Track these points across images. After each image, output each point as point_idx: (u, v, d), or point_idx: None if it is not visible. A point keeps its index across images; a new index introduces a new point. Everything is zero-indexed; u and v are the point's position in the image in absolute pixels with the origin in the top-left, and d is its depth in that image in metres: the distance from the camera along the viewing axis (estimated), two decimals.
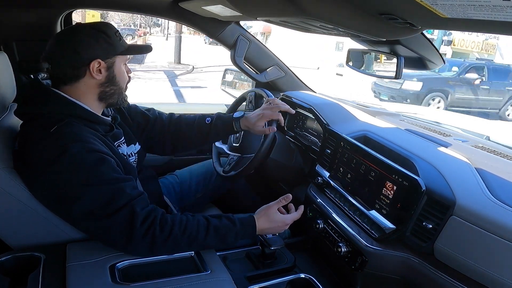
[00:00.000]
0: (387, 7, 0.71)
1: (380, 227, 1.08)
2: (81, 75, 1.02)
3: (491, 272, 0.83)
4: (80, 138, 0.94)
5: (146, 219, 0.93)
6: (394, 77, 1.23)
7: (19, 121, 1.05)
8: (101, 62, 1.02)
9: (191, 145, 1.46)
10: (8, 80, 1.10)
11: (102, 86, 1.05)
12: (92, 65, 1.00)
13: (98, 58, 1.01)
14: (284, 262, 1.27)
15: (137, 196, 0.95)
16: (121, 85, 1.09)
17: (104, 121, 1.09)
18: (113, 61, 1.05)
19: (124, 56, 1.08)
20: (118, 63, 1.07)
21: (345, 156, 1.30)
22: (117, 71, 1.07)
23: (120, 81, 1.09)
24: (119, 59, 1.07)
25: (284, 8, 0.85)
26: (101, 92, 1.06)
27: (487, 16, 0.55)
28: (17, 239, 0.99)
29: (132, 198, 0.94)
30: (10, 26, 1.55)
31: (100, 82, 1.04)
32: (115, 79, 1.07)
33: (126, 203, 0.92)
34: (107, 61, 1.03)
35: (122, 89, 1.10)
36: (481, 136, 1.47)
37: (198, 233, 0.98)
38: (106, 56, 1.03)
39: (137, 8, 1.73)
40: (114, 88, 1.08)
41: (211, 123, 1.39)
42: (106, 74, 1.04)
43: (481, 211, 0.88)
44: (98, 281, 0.87)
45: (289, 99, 1.74)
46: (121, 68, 1.08)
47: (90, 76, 1.02)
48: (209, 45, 24.78)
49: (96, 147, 0.95)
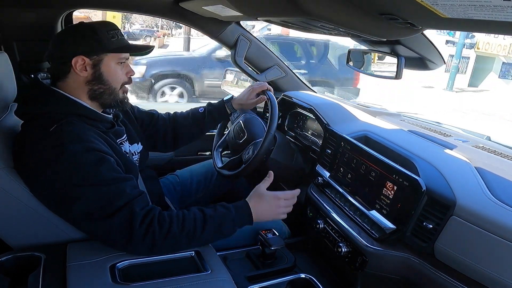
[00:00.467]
0: (388, 7, 0.71)
1: (380, 227, 1.08)
2: (67, 70, 1.02)
3: (491, 272, 0.83)
4: (79, 137, 0.93)
5: (145, 219, 0.93)
6: (394, 77, 1.23)
7: (20, 121, 1.05)
8: (85, 59, 1.02)
9: (190, 136, 1.52)
10: (9, 80, 1.10)
11: (90, 84, 1.05)
12: (74, 60, 1.01)
13: (82, 54, 1.01)
14: (284, 262, 1.27)
15: (137, 195, 0.95)
16: (111, 84, 1.07)
17: (105, 118, 1.09)
18: (100, 58, 1.04)
19: (117, 55, 1.06)
20: (107, 62, 1.05)
21: (346, 156, 1.30)
22: (105, 70, 1.05)
23: (110, 80, 1.07)
24: (108, 58, 1.05)
25: (284, 8, 0.85)
26: (90, 90, 1.05)
27: (488, 16, 0.55)
28: (18, 239, 0.99)
29: (132, 198, 0.94)
30: (11, 26, 1.55)
31: (86, 79, 1.04)
32: (103, 77, 1.05)
33: (125, 203, 0.92)
34: (92, 58, 1.03)
35: (113, 89, 1.08)
36: (481, 137, 1.47)
37: (196, 227, 0.98)
38: (91, 53, 1.02)
39: (138, 8, 1.73)
40: (103, 87, 1.06)
41: (205, 111, 1.50)
42: (92, 71, 1.04)
43: (481, 211, 0.88)
44: (98, 281, 0.86)
45: (289, 99, 1.74)
46: (111, 67, 1.06)
47: (75, 72, 1.02)
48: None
49: (96, 146, 0.95)
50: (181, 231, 0.96)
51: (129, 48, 1.10)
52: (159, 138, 1.45)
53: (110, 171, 0.94)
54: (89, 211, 0.91)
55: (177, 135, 1.48)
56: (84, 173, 0.91)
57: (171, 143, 1.49)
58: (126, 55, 1.11)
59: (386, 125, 1.47)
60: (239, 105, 1.50)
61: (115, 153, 1.02)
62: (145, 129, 1.39)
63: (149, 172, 1.38)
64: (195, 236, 0.98)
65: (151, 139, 1.42)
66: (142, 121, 1.40)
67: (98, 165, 0.92)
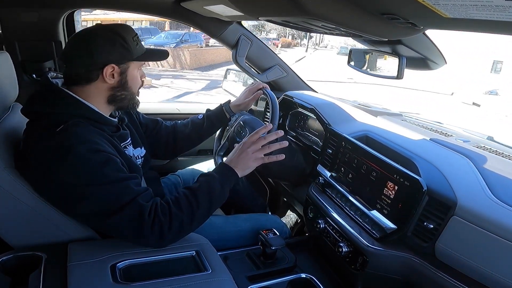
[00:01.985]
0: (389, 7, 0.71)
1: (381, 227, 1.08)
2: (93, 78, 1.01)
3: (492, 272, 0.83)
4: (85, 138, 0.93)
5: (151, 210, 0.95)
6: (396, 77, 1.22)
7: (21, 120, 1.05)
8: (115, 67, 1.01)
9: (189, 144, 1.52)
10: (11, 80, 1.10)
11: (113, 90, 1.04)
12: (106, 69, 0.99)
13: (112, 63, 1.00)
14: (285, 262, 1.27)
15: (143, 191, 0.97)
16: (132, 90, 1.08)
17: (110, 122, 1.09)
18: (128, 66, 1.04)
19: (140, 62, 1.07)
20: (132, 68, 1.05)
21: (347, 156, 1.30)
22: (130, 76, 1.06)
23: (132, 86, 1.08)
24: (133, 64, 1.05)
25: (285, 7, 0.85)
26: (111, 95, 1.05)
27: (489, 16, 0.55)
28: (18, 239, 0.99)
29: (138, 193, 0.95)
30: (12, 26, 1.56)
31: (111, 86, 1.03)
32: (127, 84, 1.06)
33: (132, 199, 0.93)
34: (121, 66, 1.02)
35: (133, 94, 1.10)
36: (483, 136, 1.47)
37: (191, 203, 1.00)
38: (121, 61, 1.02)
39: (139, 8, 1.73)
40: (125, 93, 1.07)
41: (203, 117, 1.51)
42: (119, 79, 1.03)
43: (482, 211, 0.88)
44: (99, 281, 0.87)
45: (290, 99, 1.74)
46: (134, 73, 1.07)
47: (103, 80, 1.01)
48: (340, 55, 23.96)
49: (102, 148, 0.95)
50: (180, 211, 0.98)
51: (153, 55, 1.11)
52: (161, 145, 1.45)
53: (116, 171, 0.95)
54: (97, 209, 0.92)
55: (177, 144, 1.48)
56: (91, 173, 0.91)
57: (170, 152, 1.50)
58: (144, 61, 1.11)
59: (387, 125, 1.47)
60: (237, 106, 1.50)
61: (120, 155, 1.02)
62: (148, 135, 1.39)
63: (151, 172, 1.38)
64: (193, 212, 1.00)
65: (152, 146, 1.40)
66: (146, 127, 1.40)
67: (104, 165, 0.93)
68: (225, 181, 1.07)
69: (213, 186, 1.04)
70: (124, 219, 0.92)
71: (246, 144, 1.12)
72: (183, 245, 1.04)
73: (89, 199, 0.91)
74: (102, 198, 0.91)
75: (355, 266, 1.13)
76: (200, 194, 1.02)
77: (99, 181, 0.91)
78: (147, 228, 0.93)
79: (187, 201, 1.00)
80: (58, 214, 0.99)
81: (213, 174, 1.07)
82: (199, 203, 1.00)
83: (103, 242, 1.04)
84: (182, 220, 0.97)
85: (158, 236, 0.95)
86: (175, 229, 0.97)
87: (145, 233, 0.93)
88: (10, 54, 1.14)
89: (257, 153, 1.11)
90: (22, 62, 1.61)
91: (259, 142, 1.12)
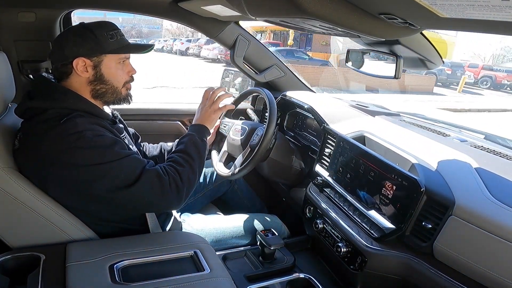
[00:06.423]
0: (387, 7, 0.71)
1: (379, 227, 1.08)
2: (68, 71, 1.05)
3: (490, 272, 0.84)
4: (90, 127, 0.98)
5: (164, 170, 1.05)
6: (393, 77, 1.23)
7: (18, 120, 1.05)
8: (86, 61, 1.04)
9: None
10: (8, 80, 1.10)
11: (92, 84, 1.08)
12: (75, 62, 1.03)
13: (82, 56, 1.03)
14: (283, 262, 1.27)
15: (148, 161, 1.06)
16: (113, 84, 1.10)
17: (106, 115, 1.12)
18: (100, 59, 1.06)
19: (116, 55, 1.09)
20: (107, 62, 1.08)
21: (345, 156, 1.30)
22: (106, 70, 1.08)
23: (112, 80, 1.10)
24: (109, 58, 1.08)
25: (283, 7, 0.85)
26: (92, 89, 1.09)
27: (486, 16, 0.55)
28: (17, 239, 0.99)
29: (147, 162, 1.05)
30: (10, 26, 1.55)
31: (89, 80, 1.07)
32: (104, 77, 1.08)
33: (144, 166, 1.02)
34: (92, 59, 1.05)
35: (115, 88, 1.11)
36: (480, 133, 1.47)
37: (184, 158, 1.13)
38: (91, 54, 1.05)
39: (137, 8, 1.73)
40: (105, 86, 1.10)
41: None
42: (93, 72, 1.06)
43: (480, 211, 0.88)
44: (97, 281, 0.87)
45: (288, 99, 1.74)
46: (111, 67, 1.09)
47: (76, 74, 1.05)
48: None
49: (106, 133, 1.02)
50: (182, 166, 1.09)
51: (129, 48, 1.11)
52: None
53: (125, 149, 1.03)
54: (115, 184, 0.97)
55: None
56: (102, 152, 0.96)
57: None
58: (126, 54, 1.12)
59: (385, 125, 1.47)
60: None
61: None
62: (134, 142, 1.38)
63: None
64: (191, 164, 1.12)
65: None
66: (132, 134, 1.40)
67: (113, 145, 0.99)
68: (202, 135, 1.24)
69: (195, 141, 1.20)
70: (146, 183, 0.99)
71: (203, 103, 1.35)
72: (182, 245, 1.04)
73: (105, 177, 0.96)
74: (120, 172, 0.97)
75: (353, 266, 1.13)
76: (189, 150, 1.15)
77: (112, 158, 0.97)
78: (167, 186, 1.02)
79: (183, 159, 1.12)
80: (57, 214, 0.99)
81: (190, 133, 1.24)
82: (191, 156, 1.14)
83: (102, 242, 1.04)
84: (187, 172, 1.08)
85: (175, 192, 1.04)
86: (186, 181, 1.07)
87: (167, 191, 1.02)
88: (7, 54, 1.14)
89: (213, 106, 1.33)
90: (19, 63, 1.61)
91: (212, 97, 1.35)
